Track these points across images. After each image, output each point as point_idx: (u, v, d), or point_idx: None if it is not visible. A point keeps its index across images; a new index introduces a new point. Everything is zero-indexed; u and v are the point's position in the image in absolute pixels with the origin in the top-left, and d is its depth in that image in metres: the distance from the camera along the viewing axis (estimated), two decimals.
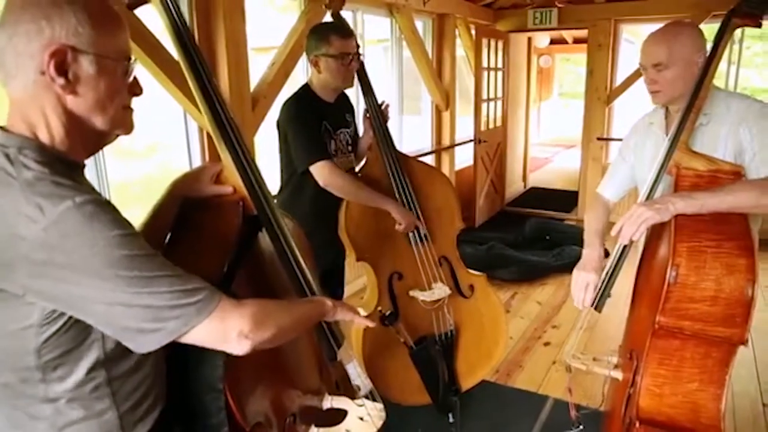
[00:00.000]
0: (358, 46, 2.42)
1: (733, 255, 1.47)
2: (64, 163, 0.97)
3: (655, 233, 1.78)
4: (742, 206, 1.54)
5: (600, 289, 1.89)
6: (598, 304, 1.90)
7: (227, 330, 1.01)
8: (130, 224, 0.96)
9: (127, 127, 1.06)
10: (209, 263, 1.22)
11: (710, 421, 1.51)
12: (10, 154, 0.92)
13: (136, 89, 1.07)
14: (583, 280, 1.91)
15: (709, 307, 1.48)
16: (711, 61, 1.70)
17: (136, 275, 0.91)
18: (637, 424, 1.56)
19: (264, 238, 1.41)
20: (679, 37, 1.75)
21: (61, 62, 0.92)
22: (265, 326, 1.06)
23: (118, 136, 1.06)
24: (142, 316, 0.93)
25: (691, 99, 1.71)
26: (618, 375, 1.83)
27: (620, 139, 2.16)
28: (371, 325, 1.50)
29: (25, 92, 0.94)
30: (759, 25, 1.72)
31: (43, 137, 0.96)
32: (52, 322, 0.93)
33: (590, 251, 1.97)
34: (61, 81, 0.93)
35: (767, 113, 1.69)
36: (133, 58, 1.04)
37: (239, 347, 1.03)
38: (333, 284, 2.68)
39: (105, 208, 0.92)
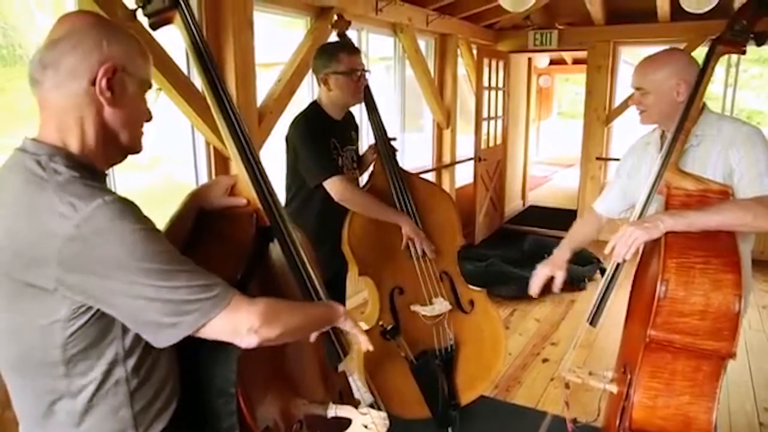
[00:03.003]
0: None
1: (720, 271, 1.52)
2: (90, 170, 1.05)
3: (647, 250, 1.82)
4: (729, 225, 1.60)
5: (594, 305, 1.95)
6: (593, 320, 1.95)
7: (239, 324, 1.07)
8: (152, 222, 1.04)
9: (140, 148, 1.18)
10: (223, 272, 1.26)
11: None
12: (42, 161, 1.00)
13: (149, 115, 1.18)
14: (539, 271, 2.15)
15: (698, 321, 1.53)
16: (699, 85, 1.78)
17: (159, 268, 0.98)
18: None
19: (275, 249, 1.46)
20: (662, 67, 1.83)
21: (111, 78, 1.04)
22: (274, 324, 1.12)
23: (130, 154, 1.16)
24: (163, 309, 1.00)
25: (680, 121, 1.78)
26: (613, 388, 1.86)
27: (618, 159, 2.23)
28: (370, 348, 1.52)
29: (69, 100, 1.03)
30: (743, 52, 1.80)
31: (74, 146, 1.05)
32: (80, 316, 0.99)
33: (558, 252, 2.19)
34: (108, 94, 1.04)
35: (755, 136, 1.75)
36: (158, 87, 1.15)
37: (247, 341, 1.09)
38: (335, 298, 2.71)
39: (131, 207, 1.00)
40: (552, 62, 10.43)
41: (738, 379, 3.46)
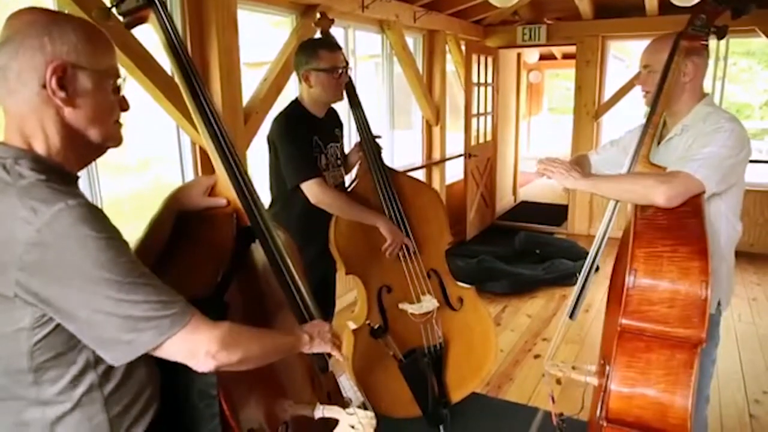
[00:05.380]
0: (346, 61, 2.47)
1: (687, 258, 1.54)
2: (59, 173, 1.01)
3: (624, 242, 1.84)
4: (621, 193, 1.76)
5: (573, 299, 1.97)
6: (572, 314, 1.97)
7: (196, 347, 1.04)
8: (117, 230, 1.00)
9: (117, 140, 1.12)
10: (204, 273, 1.25)
11: (678, 421, 1.55)
12: (7, 164, 0.97)
13: (124, 105, 1.12)
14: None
15: (668, 308, 1.55)
16: (664, 79, 1.79)
17: (119, 280, 0.95)
18: (604, 424, 1.60)
19: (257, 250, 1.44)
20: (670, 46, 1.82)
21: (62, 77, 0.98)
22: (233, 350, 1.08)
23: (108, 148, 1.12)
24: (121, 325, 0.96)
25: (649, 115, 1.80)
26: (594, 381, 1.88)
27: None
28: (341, 359, 1.50)
29: (25, 106, 0.99)
30: (705, 47, 1.81)
31: (40, 149, 1.01)
32: (44, 325, 0.96)
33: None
34: (61, 94, 0.98)
35: (723, 135, 1.69)
36: (123, 75, 1.10)
37: (204, 365, 1.06)
38: (324, 298, 2.70)
39: (96, 213, 0.96)
40: (542, 57, 10.43)
41: (729, 371, 3.47)
